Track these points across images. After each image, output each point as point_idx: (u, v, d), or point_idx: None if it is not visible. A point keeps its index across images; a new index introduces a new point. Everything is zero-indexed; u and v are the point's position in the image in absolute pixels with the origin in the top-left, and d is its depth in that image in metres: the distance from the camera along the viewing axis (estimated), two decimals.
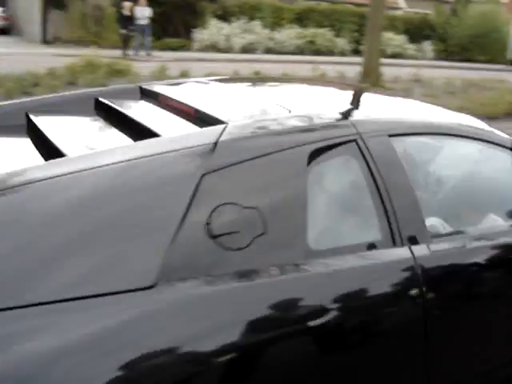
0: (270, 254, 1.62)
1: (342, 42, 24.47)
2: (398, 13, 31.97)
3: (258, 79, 2.93)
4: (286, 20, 25.18)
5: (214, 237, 1.53)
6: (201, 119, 1.96)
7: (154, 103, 2.42)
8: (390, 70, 14.99)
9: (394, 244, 1.85)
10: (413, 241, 1.89)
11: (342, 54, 23.72)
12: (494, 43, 28.59)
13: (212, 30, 22.79)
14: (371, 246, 1.84)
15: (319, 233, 1.79)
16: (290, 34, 23.84)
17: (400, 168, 1.96)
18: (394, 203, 1.87)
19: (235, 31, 23.07)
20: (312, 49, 23.64)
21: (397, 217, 1.87)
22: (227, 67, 13.43)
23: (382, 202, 1.87)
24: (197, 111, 2.05)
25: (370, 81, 12.95)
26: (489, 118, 8.07)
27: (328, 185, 1.94)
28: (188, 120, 2.03)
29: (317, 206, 1.80)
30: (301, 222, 1.69)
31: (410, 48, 26.15)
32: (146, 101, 2.52)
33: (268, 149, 1.72)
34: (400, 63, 21.29)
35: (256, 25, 23.63)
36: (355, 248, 1.80)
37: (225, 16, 24.15)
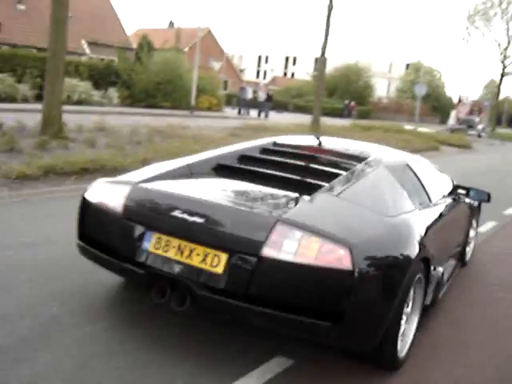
0: (421, 203, 4.46)
1: (25, 88, 23.08)
2: (83, 59, 31.93)
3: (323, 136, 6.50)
4: None
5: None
6: (353, 157, 4.65)
7: (301, 151, 5.06)
8: (74, 118, 14.64)
9: (431, 202, 4.68)
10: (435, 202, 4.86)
11: (25, 100, 22.43)
12: (177, 90, 30.19)
13: None
14: (426, 202, 4.59)
15: (421, 197, 4.60)
16: None
17: (420, 174, 4.84)
18: (426, 187, 4.74)
19: None
20: None
21: (428, 193, 4.72)
22: None
23: (423, 187, 4.71)
24: (344, 154, 4.93)
25: (52, 131, 12.26)
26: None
27: (411, 180, 4.63)
28: (344, 158, 4.71)
29: (420, 187, 4.71)
30: (418, 194, 4.57)
31: (96, 94, 25.92)
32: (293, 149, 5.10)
33: (396, 166, 4.56)
34: (86, 110, 21.15)
35: None
36: (423, 205, 4.44)
37: None
